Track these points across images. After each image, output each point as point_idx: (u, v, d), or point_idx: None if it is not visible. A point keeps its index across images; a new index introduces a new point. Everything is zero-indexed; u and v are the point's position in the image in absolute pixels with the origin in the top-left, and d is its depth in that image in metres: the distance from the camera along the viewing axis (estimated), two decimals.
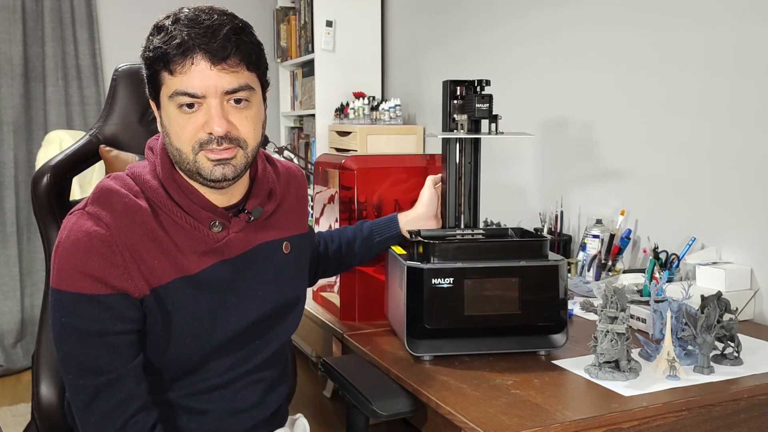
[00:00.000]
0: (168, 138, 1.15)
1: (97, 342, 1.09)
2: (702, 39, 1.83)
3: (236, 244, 1.19)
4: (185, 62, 1.09)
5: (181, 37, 1.08)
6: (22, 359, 3.56)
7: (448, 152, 1.53)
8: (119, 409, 1.09)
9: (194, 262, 1.15)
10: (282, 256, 1.28)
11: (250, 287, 1.22)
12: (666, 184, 1.94)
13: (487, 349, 1.36)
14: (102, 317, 1.08)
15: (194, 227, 1.16)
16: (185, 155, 1.13)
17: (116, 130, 1.55)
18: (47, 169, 1.45)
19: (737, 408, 1.20)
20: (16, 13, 3.50)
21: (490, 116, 1.46)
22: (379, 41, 3.56)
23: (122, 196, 1.13)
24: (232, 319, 1.19)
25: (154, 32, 1.12)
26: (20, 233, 3.59)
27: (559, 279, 1.35)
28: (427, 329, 1.32)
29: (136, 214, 1.12)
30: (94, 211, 1.11)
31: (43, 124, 3.61)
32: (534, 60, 2.47)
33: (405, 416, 1.22)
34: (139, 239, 1.11)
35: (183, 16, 1.11)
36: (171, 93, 1.11)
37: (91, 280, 1.07)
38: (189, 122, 1.12)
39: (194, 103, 1.11)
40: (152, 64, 1.12)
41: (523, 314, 1.33)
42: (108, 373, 1.09)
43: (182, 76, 1.10)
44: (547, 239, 1.41)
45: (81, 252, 1.08)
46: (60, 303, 1.09)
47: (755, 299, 1.68)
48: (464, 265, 1.32)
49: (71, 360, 1.10)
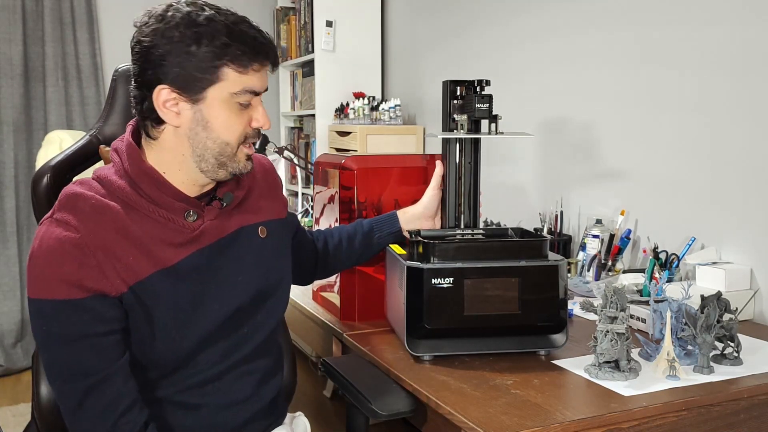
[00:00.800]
0: (208, 132, 1.16)
1: (81, 345, 1.09)
2: (702, 38, 1.83)
3: (212, 231, 1.21)
4: (263, 62, 1.16)
5: (259, 38, 1.15)
6: (22, 359, 3.56)
7: (448, 152, 1.53)
8: (109, 410, 1.10)
9: (171, 254, 1.15)
10: (259, 240, 1.28)
11: (230, 273, 1.22)
12: (666, 184, 1.94)
13: (487, 349, 1.36)
14: (82, 320, 1.09)
15: (168, 219, 1.16)
16: (230, 148, 1.18)
17: (116, 130, 1.55)
18: (47, 169, 1.45)
19: (737, 408, 1.20)
20: (16, 13, 3.50)
21: (490, 116, 1.46)
22: (379, 41, 3.57)
23: (88, 198, 1.13)
24: (215, 306, 1.19)
25: (208, 25, 1.12)
26: (20, 233, 3.59)
27: (559, 279, 1.35)
28: (427, 329, 1.32)
29: (105, 214, 1.12)
30: (61, 217, 1.12)
31: (43, 124, 3.61)
32: (534, 60, 2.47)
33: (405, 416, 1.22)
34: (111, 238, 1.11)
35: (235, 17, 1.15)
36: (238, 89, 1.15)
37: (66, 285, 1.08)
38: (241, 118, 1.18)
39: (251, 101, 1.18)
40: (215, 57, 1.12)
41: (523, 314, 1.33)
42: (95, 375, 1.10)
43: (254, 75, 1.16)
44: (547, 239, 1.41)
45: (53, 259, 1.08)
46: (39, 312, 1.09)
47: (755, 299, 1.68)
48: (464, 265, 1.32)
49: (56, 366, 1.11)
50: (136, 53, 1.16)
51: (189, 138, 1.16)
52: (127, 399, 1.12)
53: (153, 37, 1.12)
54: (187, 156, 1.17)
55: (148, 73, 1.14)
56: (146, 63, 1.14)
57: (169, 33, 1.12)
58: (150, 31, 1.13)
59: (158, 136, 1.18)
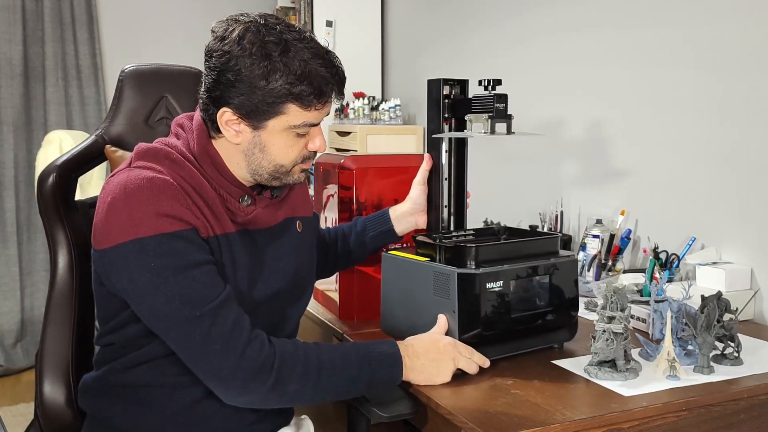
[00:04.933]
0: (264, 155, 1.21)
1: (195, 273, 1.12)
2: (702, 39, 1.83)
3: (262, 218, 1.26)
4: (327, 102, 1.20)
5: (329, 77, 1.18)
6: (22, 359, 3.56)
7: (435, 152, 1.52)
8: (237, 328, 1.12)
9: (231, 225, 1.21)
10: (296, 234, 1.35)
11: (274, 258, 1.27)
12: (666, 184, 1.94)
13: (517, 349, 1.35)
14: (190, 249, 1.12)
15: (225, 199, 1.21)
16: (285, 168, 1.23)
17: (122, 130, 1.56)
18: (53, 168, 1.45)
19: (737, 408, 1.20)
20: (16, 13, 3.50)
21: (505, 116, 1.45)
22: (379, 41, 3.56)
23: (168, 153, 1.18)
24: (262, 287, 1.24)
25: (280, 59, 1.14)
26: (20, 233, 3.59)
27: (577, 274, 1.42)
28: (483, 336, 1.29)
29: (183, 169, 1.17)
30: (143, 164, 1.16)
31: (43, 124, 3.61)
32: (534, 59, 2.47)
33: (406, 417, 1.22)
34: (191, 190, 1.16)
35: (311, 50, 1.17)
36: (299, 123, 1.18)
37: (168, 219, 1.11)
38: (298, 143, 1.22)
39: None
40: (282, 95, 1.15)
41: (554, 310, 1.37)
42: (215, 299, 1.12)
43: (317, 112, 1.19)
44: (558, 236, 1.45)
45: (149, 196, 1.11)
46: (142, 250, 1.10)
47: (755, 299, 1.68)
48: (510, 266, 1.31)
49: (176, 299, 1.10)
50: (209, 66, 1.18)
51: (245, 155, 1.22)
52: (246, 318, 1.15)
53: (227, 58, 1.15)
54: (242, 165, 1.23)
55: (216, 91, 1.17)
56: (216, 81, 1.17)
57: (242, 61, 1.14)
58: (225, 50, 1.15)
59: (218, 138, 1.23)
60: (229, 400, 1.14)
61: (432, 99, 1.52)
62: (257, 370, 1.12)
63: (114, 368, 1.24)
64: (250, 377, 1.11)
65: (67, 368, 1.41)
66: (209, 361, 1.11)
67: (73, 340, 1.42)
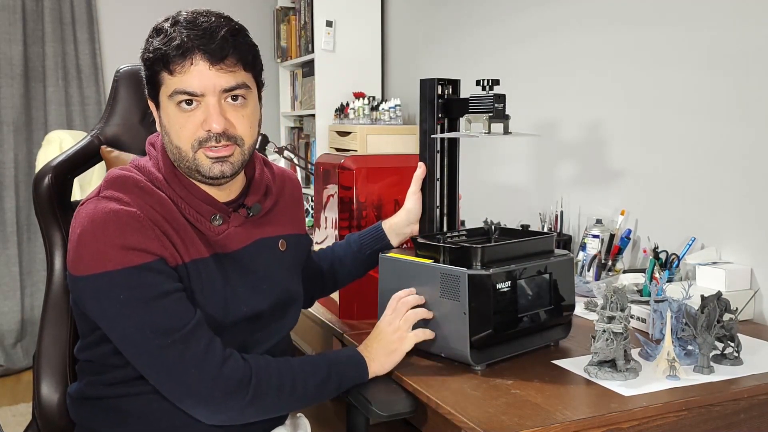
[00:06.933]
0: (167, 137, 1.19)
1: (165, 302, 1.11)
2: (702, 39, 1.83)
3: (236, 238, 1.23)
4: (185, 62, 1.13)
5: (181, 38, 1.13)
6: (22, 359, 3.56)
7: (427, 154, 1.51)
8: (210, 350, 1.12)
9: (202, 249, 1.19)
10: (278, 253, 1.31)
11: (250, 280, 1.24)
12: (666, 184, 1.94)
13: (522, 348, 1.36)
14: (159, 280, 1.11)
15: (196, 219, 1.19)
16: (184, 153, 1.17)
17: (117, 131, 1.55)
18: (49, 169, 1.45)
19: (737, 408, 1.20)
20: (16, 13, 3.50)
21: (504, 116, 1.45)
22: (379, 41, 3.56)
23: (136, 181, 1.17)
24: (237, 309, 1.22)
25: (154, 35, 1.17)
26: (20, 233, 3.59)
27: (573, 272, 1.42)
28: (492, 336, 1.28)
29: (152, 196, 1.16)
30: (110, 194, 1.15)
31: (43, 124, 3.61)
32: (534, 59, 2.47)
33: (405, 416, 1.22)
34: (160, 219, 1.14)
35: (182, 19, 1.15)
36: (171, 92, 1.15)
37: (135, 252, 1.10)
38: (188, 120, 1.16)
39: (193, 101, 1.15)
40: (152, 65, 1.16)
41: (555, 308, 1.37)
42: (185, 325, 1.11)
43: (182, 76, 1.14)
44: (554, 235, 1.46)
45: (114, 230, 1.10)
46: (110, 283, 1.09)
47: (755, 299, 1.67)
48: (517, 266, 1.31)
49: (146, 329, 1.10)
50: None
51: (166, 144, 1.21)
52: (218, 340, 1.14)
53: None
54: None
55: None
56: None
57: (144, 44, 1.18)
58: None
59: None
60: (207, 419, 1.14)
61: (425, 99, 1.51)
62: (234, 387, 1.12)
63: (92, 381, 1.24)
64: (228, 395, 1.11)
65: (64, 369, 1.40)
66: (184, 383, 1.11)
67: (70, 341, 1.42)
